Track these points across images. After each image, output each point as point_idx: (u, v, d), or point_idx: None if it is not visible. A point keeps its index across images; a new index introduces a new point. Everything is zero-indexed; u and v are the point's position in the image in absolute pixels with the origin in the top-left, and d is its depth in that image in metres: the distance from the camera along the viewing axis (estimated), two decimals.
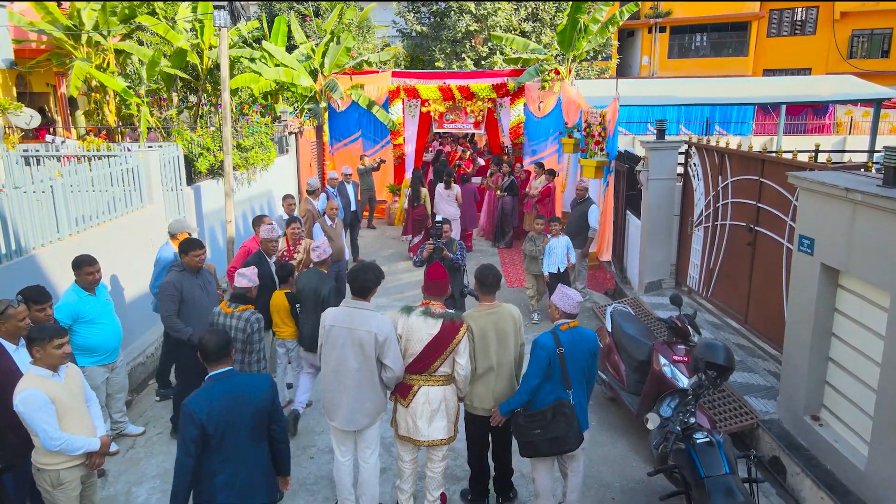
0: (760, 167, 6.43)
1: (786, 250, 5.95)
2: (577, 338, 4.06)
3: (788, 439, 4.91)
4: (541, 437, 4.01)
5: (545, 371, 4.00)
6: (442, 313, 4.13)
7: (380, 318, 4.06)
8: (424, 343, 4.07)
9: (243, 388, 3.38)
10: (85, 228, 6.07)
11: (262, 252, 5.97)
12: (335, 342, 4.06)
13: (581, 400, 4.12)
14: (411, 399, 4.15)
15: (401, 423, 4.25)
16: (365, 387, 4.07)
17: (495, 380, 4.29)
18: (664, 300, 8.19)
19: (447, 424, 4.21)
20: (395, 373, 4.07)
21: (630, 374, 5.52)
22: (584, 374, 4.12)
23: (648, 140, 8.39)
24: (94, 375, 4.95)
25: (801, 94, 13.55)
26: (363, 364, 4.02)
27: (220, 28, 8.12)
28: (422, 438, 4.18)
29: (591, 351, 4.11)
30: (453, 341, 4.07)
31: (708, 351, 3.96)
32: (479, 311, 4.34)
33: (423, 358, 4.09)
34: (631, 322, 5.86)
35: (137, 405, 6.06)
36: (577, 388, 4.09)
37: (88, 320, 4.82)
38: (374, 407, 4.15)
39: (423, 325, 4.09)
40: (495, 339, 4.26)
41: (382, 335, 3.98)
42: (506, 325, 4.28)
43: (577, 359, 4.04)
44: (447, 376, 4.18)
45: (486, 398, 4.31)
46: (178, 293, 5.07)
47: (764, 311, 6.44)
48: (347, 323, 4.04)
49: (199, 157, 9.07)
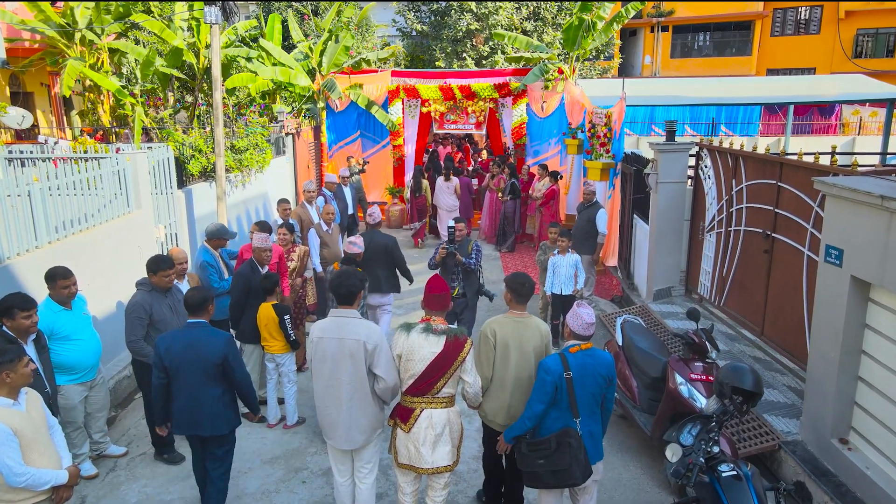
0: (778, 171, 6.10)
1: (806, 259, 5.63)
2: (590, 361, 3.70)
3: (814, 464, 4.58)
4: (544, 469, 3.69)
5: (551, 396, 3.68)
6: (444, 329, 3.83)
7: (368, 326, 3.86)
8: (427, 362, 3.77)
9: (201, 339, 4.09)
10: (66, 235, 5.74)
11: (255, 261, 5.64)
12: (325, 354, 3.83)
13: (592, 429, 3.76)
14: (413, 423, 3.83)
15: (401, 449, 3.91)
16: (358, 400, 3.83)
17: (511, 393, 4.02)
18: (674, 308, 7.87)
19: (451, 450, 3.91)
20: (387, 383, 3.79)
21: (642, 391, 5.20)
22: (597, 401, 3.75)
23: (658, 142, 8.07)
24: (70, 394, 4.63)
25: (809, 93, 13.23)
26: (354, 375, 3.79)
27: (211, 25, 7.81)
28: (425, 466, 3.85)
29: (606, 377, 3.72)
30: (458, 359, 3.77)
31: (734, 375, 3.64)
32: (506, 318, 4.09)
33: (425, 378, 3.78)
34: (643, 335, 5.54)
35: (121, 422, 5.73)
36: (587, 416, 3.73)
37: (63, 336, 4.50)
38: (369, 423, 3.91)
39: (424, 343, 3.78)
40: (517, 350, 4.00)
41: (372, 343, 3.75)
42: (531, 339, 4.02)
43: (588, 384, 3.68)
44: (451, 397, 3.90)
45: (500, 412, 4.07)
46: (147, 315, 4.73)
47: (781, 322, 6.11)
48: (336, 333, 3.81)
49: (191, 159, 8.75)
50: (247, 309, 5.55)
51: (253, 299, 5.52)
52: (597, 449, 3.79)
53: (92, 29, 13.01)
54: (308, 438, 5.46)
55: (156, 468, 5.04)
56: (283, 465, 5.09)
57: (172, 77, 13.05)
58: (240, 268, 5.66)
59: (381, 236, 6.54)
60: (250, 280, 5.50)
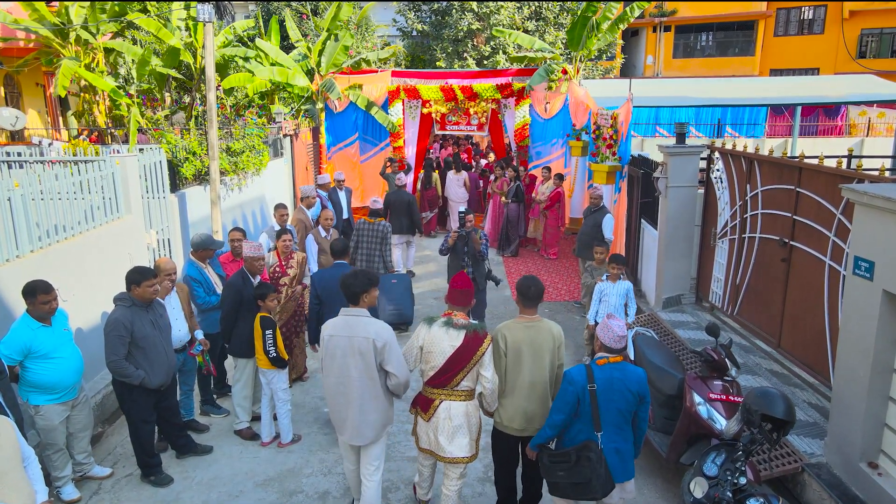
0: (797, 175, 5.82)
1: (828, 269, 5.35)
2: (618, 375, 3.56)
3: (841, 489, 4.30)
4: (564, 480, 3.63)
5: (573, 407, 3.61)
6: (465, 324, 3.95)
7: (378, 324, 3.95)
8: (447, 356, 3.90)
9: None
10: (49, 244, 5.46)
11: (246, 271, 5.36)
12: (335, 352, 3.94)
13: (619, 446, 3.61)
14: (432, 413, 4.00)
15: (421, 435, 4.15)
16: (368, 397, 3.92)
17: (526, 398, 3.98)
18: (684, 317, 7.60)
19: (469, 442, 4.03)
20: (399, 379, 3.91)
21: (657, 409, 4.92)
22: (625, 418, 3.59)
23: (668, 144, 7.79)
24: (50, 415, 4.35)
25: (818, 94, 12.96)
26: (364, 372, 3.89)
27: (204, 24, 7.54)
28: (442, 455, 4.02)
29: (636, 393, 3.55)
30: (477, 353, 3.89)
31: (764, 401, 3.36)
32: (516, 323, 4.05)
33: (445, 371, 3.92)
34: (656, 349, 5.26)
35: (107, 440, 5.45)
36: (613, 431, 3.59)
37: (42, 355, 4.22)
38: (379, 419, 4.00)
39: (445, 337, 3.92)
40: (530, 354, 3.96)
41: (381, 340, 3.86)
42: (543, 342, 3.97)
43: (615, 399, 3.55)
44: (470, 391, 4.02)
45: (516, 417, 4.03)
46: (129, 333, 4.44)
47: (800, 334, 5.83)
48: (347, 332, 3.92)
49: (185, 161, 8.48)
50: (238, 321, 5.27)
51: (245, 311, 5.25)
52: (625, 467, 3.65)
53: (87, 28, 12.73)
54: (303, 458, 5.18)
55: (142, 491, 4.76)
56: (278, 488, 4.81)
57: (169, 77, 12.79)
58: (231, 279, 5.37)
59: (405, 195, 9.63)
60: (242, 291, 5.22)
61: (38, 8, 12.30)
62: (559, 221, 11.23)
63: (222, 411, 5.86)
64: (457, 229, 6.87)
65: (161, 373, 4.64)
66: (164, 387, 4.75)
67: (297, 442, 5.40)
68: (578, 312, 8.53)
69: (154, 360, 4.57)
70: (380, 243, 7.52)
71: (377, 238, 7.52)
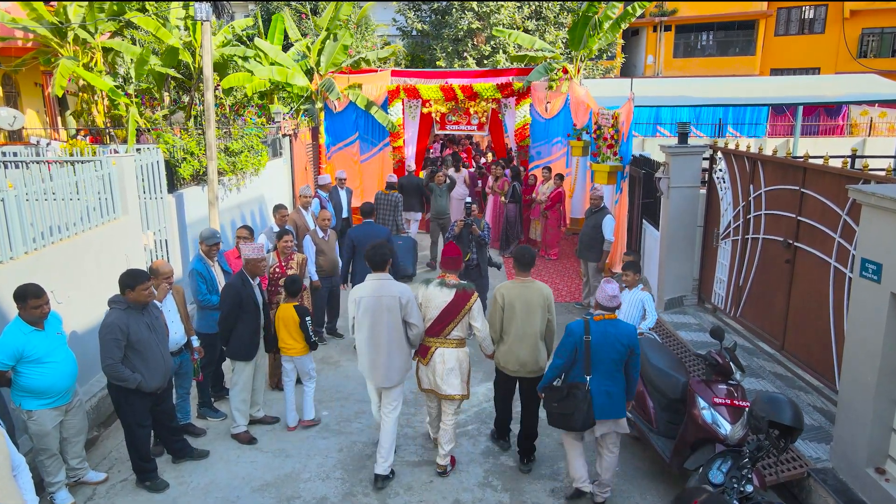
0: (801, 176, 5.75)
1: (833, 270, 5.28)
2: (611, 330, 4.25)
3: (847, 494, 4.24)
4: (556, 411, 4.37)
5: (571, 354, 4.34)
6: (455, 284, 4.75)
7: (401, 285, 4.73)
8: (440, 309, 4.69)
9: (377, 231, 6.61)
10: (44, 245, 5.38)
11: (246, 273, 5.28)
12: (367, 311, 4.66)
13: (611, 389, 4.29)
14: (429, 359, 4.78)
15: (423, 378, 4.90)
16: (395, 346, 4.68)
17: (519, 345, 4.73)
18: (686, 319, 7.53)
19: (461, 383, 4.80)
20: (418, 329, 4.70)
21: (660, 412, 4.85)
22: (617, 366, 4.27)
23: (670, 144, 7.72)
24: (43, 420, 4.28)
25: (820, 93, 12.88)
26: (392, 326, 4.63)
27: (202, 22, 7.46)
28: (440, 392, 4.79)
29: (627, 345, 4.23)
30: (465, 307, 4.67)
31: (771, 407, 3.29)
32: (512, 283, 4.83)
33: (439, 322, 4.70)
34: (659, 352, 5.18)
35: (102, 444, 5.37)
36: (605, 376, 4.27)
37: (35, 359, 4.14)
38: (403, 364, 4.76)
39: (438, 294, 4.72)
40: (522, 310, 4.71)
41: (405, 298, 4.63)
42: (533, 299, 4.72)
43: (607, 349, 4.23)
44: (460, 339, 4.78)
45: (510, 361, 4.80)
46: (125, 336, 4.36)
47: (804, 336, 5.76)
48: (375, 292, 4.65)
49: (183, 162, 8.40)
50: (238, 323, 5.20)
51: (244, 314, 5.17)
52: (616, 407, 4.33)
53: (85, 28, 12.65)
54: (301, 463, 5.11)
55: (137, 496, 4.68)
56: (275, 494, 4.73)
57: (168, 77, 12.70)
58: (230, 280, 5.30)
59: (415, 178, 11.19)
60: (241, 293, 5.15)
61: (37, 7, 12.22)
62: (560, 222, 11.15)
63: (220, 415, 5.78)
64: (462, 218, 7.47)
65: (157, 376, 4.56)
66: (161, 390, 4.68)
67: (317, 424, 5.63)
68: (580, 314, 8.46)
69: (150, 364, 4.50)
70: (392, 210, 9.15)
71: (391, 206, 9.20)
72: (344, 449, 5.29)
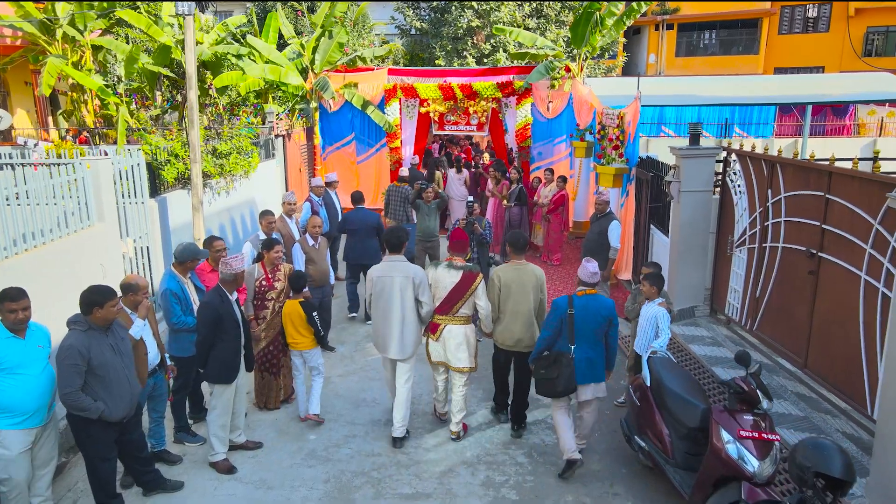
0: (826, 180, 5.33)
1: (863, 284, 4.86)
2: (592, 304, 4.73)
3: None
4: (542, 377, 4.79)
5: (557, 327, 4.78)
6: (462, 266, 5.17)
7: (414, 266, 5.18)
8: (448, 289, 5.12)
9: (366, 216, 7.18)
10: (6, 257, 4.95)
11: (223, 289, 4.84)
12: (382, 289, 5.12)
13: (591, 356, 4.76)
14: (439, 335, 5.23)
15: (433, 352, 5.35)
16: (408, 322, 5.12)
17: (513, 323, 5.16)
18: (699, 331, 7.11)
19: (468, 357, 5.23)
20: (429, 306, 5.15)
21: (677, 442, 4.42)
22: (597, 335, 4.75)
23: (681, 146, 7.29)
24: (9, 443, 3.79)
25: (829, 92, 12.48)
26: (405, 303, 5.08)
27: (184, 17, 7.04)
28: (450, 364, 5.24)
29: (606, 317, 4.73)
30: (471, 287, 5.10)
31: (818, 456, 2.86)
32: (508, 266, 5.25)
33: (447, 301, 5.13)
34: (674, 373, 4.75)
35: (70, 472, 4.89)
36: (587, 345, 4.73)
37: (6, 368, 3.72)
38: (415, 339, 5.20)
39: (447, 275, 5.15)
40: (517, 290, 5.12)
41: (418, 278, 5.09)
42: (527, 280, 5.14)
43: (589, 322, 4.70)
44: (467, 317, 5.22)
45: (506, 337, 5.23)
46: (85, 361, 3.91)
47: (831, 353, 5.33)
48: (390, 273, 5.10)
49: (166, 164, 7.97)
50: (216, 344, 4.77)
51: (223, 333, 4.74)
52: (595, 372, 4.80)
53: (74, 25, 12.22)
54: (284, 496, 4.66)
55: None
56: None
57: (161, 76, 12.28)
58: (206, 299, 4.84)
59: (418, 173, 11.21)
60: (220, 312, 4.71)
61: (24, 5, 11.80)
62: (563, 226, 10.71)
63: (198, 439, 5.34)
64: (465, 217, 7.71)
65: (123, 404, 4.11)
66: (127, 419, 4.23)
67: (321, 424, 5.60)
68: None
69: (114, 391, 4.05)
70: (403, 201, 9.75)
71: (401, 197, 9.78)
72: (331, 479, 4.85)
